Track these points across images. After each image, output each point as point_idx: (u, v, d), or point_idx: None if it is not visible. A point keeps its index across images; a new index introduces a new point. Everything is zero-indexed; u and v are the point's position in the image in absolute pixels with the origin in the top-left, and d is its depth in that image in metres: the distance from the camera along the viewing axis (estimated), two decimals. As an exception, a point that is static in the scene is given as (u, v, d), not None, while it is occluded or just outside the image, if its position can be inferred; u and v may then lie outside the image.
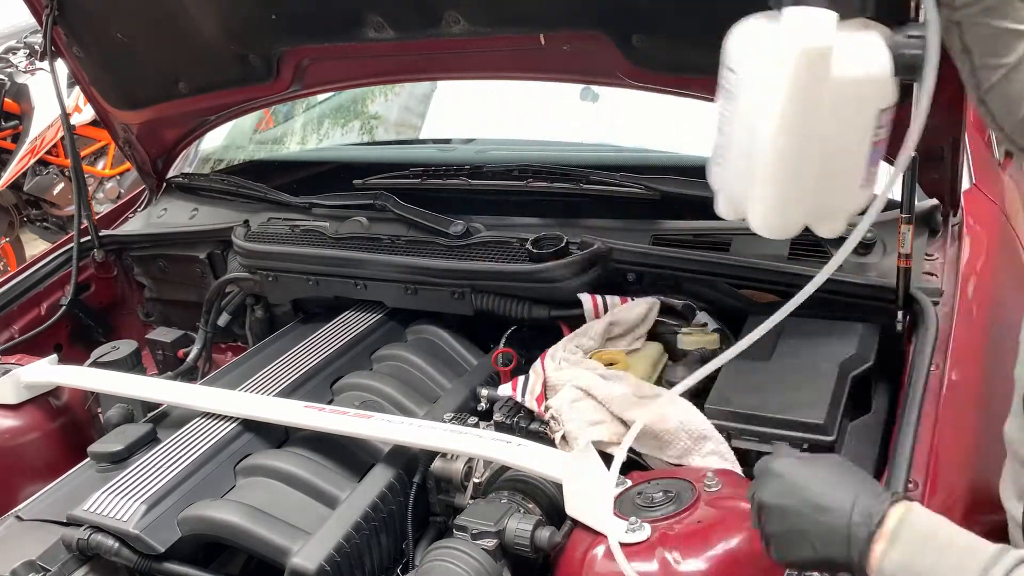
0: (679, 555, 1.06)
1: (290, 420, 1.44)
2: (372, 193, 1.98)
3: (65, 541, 1.27)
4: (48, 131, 4.59)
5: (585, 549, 1.11)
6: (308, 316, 1.99)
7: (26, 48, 4.74)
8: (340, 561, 1.18)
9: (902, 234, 1.41)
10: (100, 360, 1.87)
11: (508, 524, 1.15)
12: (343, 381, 1.63)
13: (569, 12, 1.61)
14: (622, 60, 1.63)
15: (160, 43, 2.02)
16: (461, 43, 1.72)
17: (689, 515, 1.12)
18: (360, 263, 1.82)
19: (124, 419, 1.64)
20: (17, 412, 1.69)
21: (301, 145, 2.75)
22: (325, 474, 1.35)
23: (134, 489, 1.30)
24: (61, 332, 2.21)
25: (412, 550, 1.31)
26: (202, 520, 1.26)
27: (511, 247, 1.73)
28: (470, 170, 1.95)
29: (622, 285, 1.73)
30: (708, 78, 1.62)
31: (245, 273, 2.01)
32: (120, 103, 2.23)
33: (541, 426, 1.37)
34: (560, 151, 2.17)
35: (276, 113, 2.80)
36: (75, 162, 2.25)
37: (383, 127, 2.65)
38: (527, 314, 1.72)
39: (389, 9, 1.70)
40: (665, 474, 1.24)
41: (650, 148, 2.17)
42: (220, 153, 2.66)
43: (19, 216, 4.89)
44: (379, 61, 1.49)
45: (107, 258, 2.32)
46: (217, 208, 2.25)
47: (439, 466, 1.34)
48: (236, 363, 1.78)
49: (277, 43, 1.90)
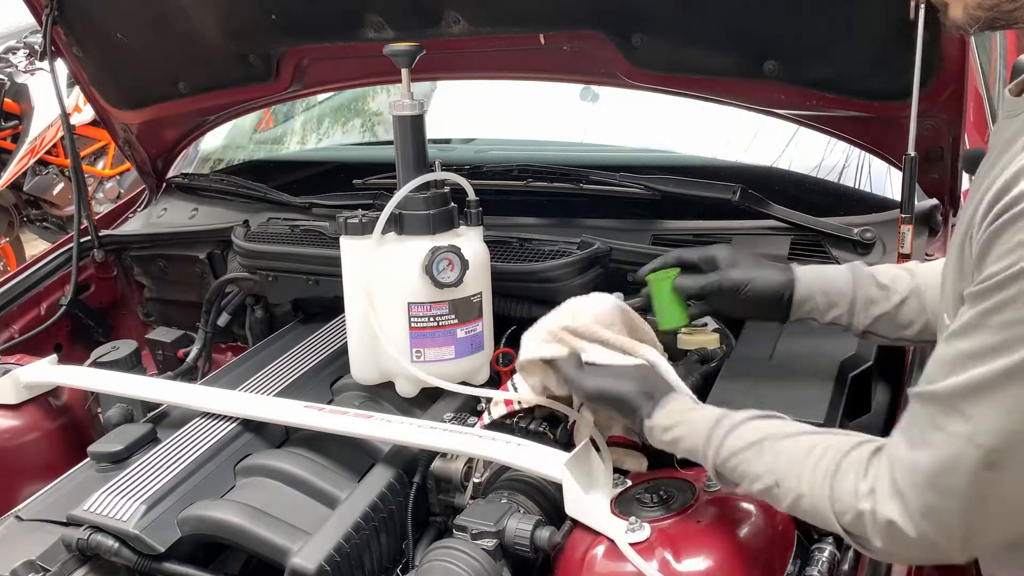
0: (678, 555, 1.06)
1: (290, 420, 1.44)
2: (372, 193, 1.98)
3: (65, 541, 1.27)
4: (48, 131, 4.59)
5: (585, 549, 1.11)
6: (308, 316, 1.99)
7: (26, 48, 4.74)
8: (340, 561, 1.18)
9: (902, 234, 1.41)
10: (100, 360, 1.87)
11: (508, 524, 1.15)
12: (342, 381, 1.63)
13: (569, 12, 1.61)
14: (622, 60, 1.63)
15: (160, 43, 2.02)
16: (461, 43, 1.72)
17: (689, 515, 1.12)
18: (360, 263, 1.82)
19: (124, 419, 1.64)
20: (17, 412, 1.69)
21: (301, 145, 2.75)
22: (325, 474, 1.35)
23: (134, 489, 1.30)
24: (61, 332, 2.21)
25: (412, 550, 1.31)
26: (202, 520, 1.26)
27: (511, 247, 1.74)
28: (470, 170, 1.95)
29: (622, 285, 1.73)
30: (708, 78, 1.63)
31: (245, 273, 2.01)
32: (120, 103, 2.23)
33: (541, 426, 1.37)
34: (560, 151, 2.18)
35: (276, 113, 2.80)
36: (75, 162, 2.25)
37: (383, 127, 2.65)
38: (527, 314, 1.72)
39: (389, 9, 1.70)
40: (665, 474, 1.24)
41: (650, 148, 2.18)
42: (220, 153, 2.66)
43: (19, 216, 4.89)
44: (379, 61, 1.49)
45: (107, 258, 2.32)
46: (217, 208, 2.25)
47: (439, 466, 1.33)
48: (236, 363, 1.78)
49: (277, 43, 1.90)
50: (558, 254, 1.68)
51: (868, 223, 1.61)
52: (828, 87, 1.53)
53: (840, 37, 1.45)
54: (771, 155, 1.95)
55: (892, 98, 1.44)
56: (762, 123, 1.80)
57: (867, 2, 1.38)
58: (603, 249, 1.68)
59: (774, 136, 1.90)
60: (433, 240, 1.45)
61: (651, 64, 1.63)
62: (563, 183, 1.86)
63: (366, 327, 1.49)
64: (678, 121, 2.13)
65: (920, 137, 1.40)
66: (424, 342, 1.45)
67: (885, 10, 1.36)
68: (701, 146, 2.12)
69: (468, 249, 1.44)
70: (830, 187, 1.85)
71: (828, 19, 1.43)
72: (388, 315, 1.45)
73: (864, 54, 1.45)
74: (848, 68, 1.49)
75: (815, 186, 1.87)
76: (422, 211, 1.46)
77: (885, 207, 1.65)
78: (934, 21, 1.31)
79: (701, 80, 1.64)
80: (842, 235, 1.60)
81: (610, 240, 1.70)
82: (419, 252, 1.41)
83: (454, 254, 1.41)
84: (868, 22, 1.41)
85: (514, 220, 1.87)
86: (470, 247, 1.46)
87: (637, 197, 1.78)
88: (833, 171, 1.85)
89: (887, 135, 1.53)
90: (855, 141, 1.62)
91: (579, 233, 1.73)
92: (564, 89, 2.19)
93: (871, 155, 1.65)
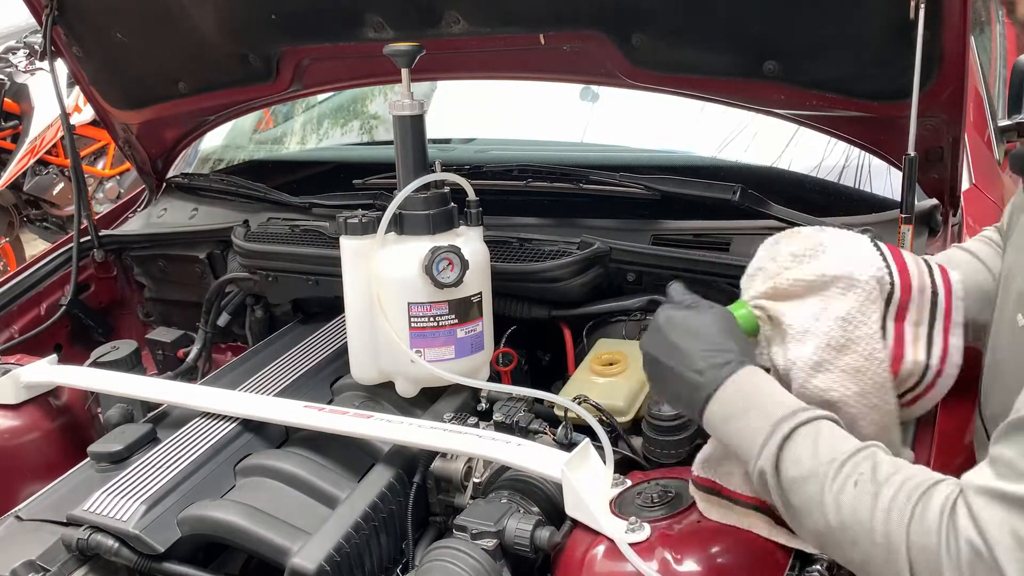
0: (678, 555, 1.06)
1: (290, 420, 1.44)
2: (372, 193, 1.98)
3: (65, 541, 1.27)
4: (48, 131, 4.59)
5: (585, 549, 1.11)
6: (308, 316, 1.99)
7: (26, 48, 4.73)
8: (340, 561, 1.18)
9: (902, 234, 1.41)
10: (100, 360, 1.87)
11: (508, 524, 1.15)
12: (342, 381, 1.63)
13: (569, 12, 1.61)
14: (622, 60, 1.63)
15: (160, 43, 2.02)
16: (461, 43, 1.72)
17: (689, 515, 1.12)
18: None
19: (124, 419, 1.64)
20: (17, 412, 1.69)
21: (301, 145, 2.75)
22: (325, 474, 1.35)
23: (134, 489, 1.30)
24: (61, 332, 2.21)
25: (412, 550, 1.31)
26: (202, 520, 1.26)
27: (511, 247, 1.74)
28: (470, 170, 1.95)
29: (622, 285, 1.73)
30: (708, 78, 1.63)
31: (245, 273, 2.01)
32: (120, 103, 2.23)
33: (541, 425, 1.37)
34: (560, 151, 2.18)
35: (276, 113, 2.80)
36: (75, 162, 2.25)
37: (383, 127, 2.65)
38: (527, 314, 1.72)
39: (389, 9, 1.70)
40: (665, 474, 1.24)
41: (650, 148, 2.17)
42: (220, 153, 2.66)
43: (19, 216, 4.89)
44: (379, 61, 1.50)
45: (107, 258, 2.32)
46: (217, 208, 2.25)
47: (439, 466, 1.34)
48: (236, 363, 1.78)
49: (277, 43, 1.90)
50: (558, 254, 1.68)
51: (868, 223, 1.61)
52: (828, 87, 1.53)
53: (840, 37, 1.45)
54: (771, 155, 1.95)
55: (892, 98, 1.44)
56: (762, 123, 1.80)
57: (867, 2, 1.38)
58: (603, 249, 1.68)
59: (774, 136, 1.90)
60: (433, 240, 1.45)
61: (651, 64, 1.63)
62: (563, 183, 1.86)
63: (366, 327, 1.49)
64: (678, 121, 2.13)
65: (920, 137, 1.40)
66: (424, 342, 1.45)
67: (885, 10, 1.36)
68: (701, 146, 2.12)
69: (468, 249, 1.44)
70: (830, 187, 1.85)
71: (828, 19, 1.43)
72: (388, 315, 1.45)
73: (864, 54, 1.45)
74: (848, 68, 1.49)
75: (815, 186, 1.87)
76: (422, 211, 1.46)
77: (885, 207, 1.65)
78: (934, 21, 1.31)
79: (701, 80, 1.63)
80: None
81: (610, 240, 1.70)
82: (419, 252, 1.42)
83: (454, 254, 1.41)
84: (868, 22, 1.40)
85: (514, 220, 1.87)
86: (470, 247, 1.46)
87: (637, 197, 1.78)
88: (833, 171, 1.85)
89: (887, 135, 1.53)
90: (855, 141, 1.62)
91: (579, 233, 1.73)
92: (564, 89, 2.19)
93: (871, 155, 1.65)
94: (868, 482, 0.87)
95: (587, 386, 1.49)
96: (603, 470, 1.22)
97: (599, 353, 1.58)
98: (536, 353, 1.82)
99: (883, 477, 0.87)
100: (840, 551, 0.91)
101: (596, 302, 1.71)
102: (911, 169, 1.40)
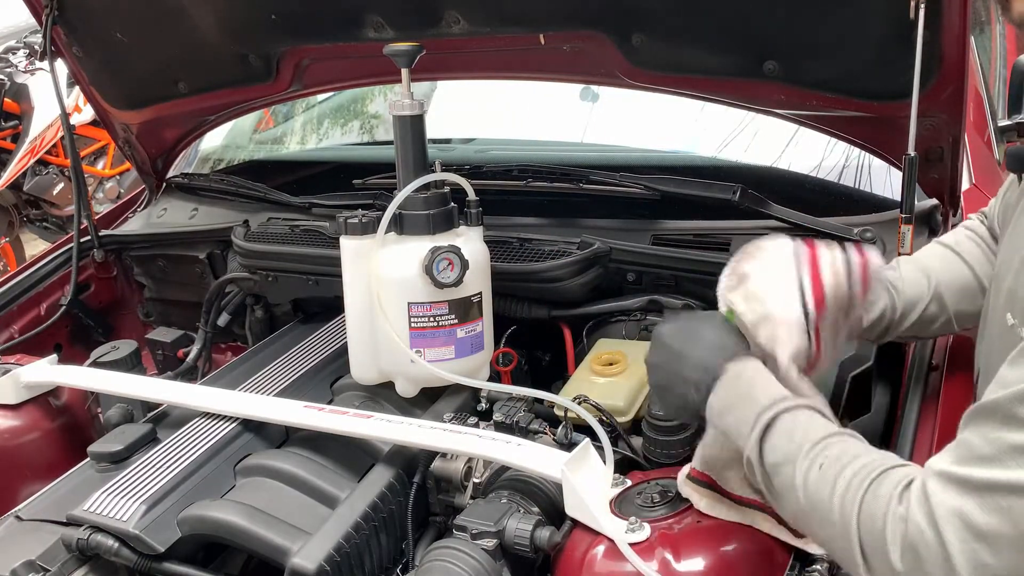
0: (678, 555, 1.06)
1: (290, 420, 1.44)
2: (372, 193, 1.98)
3: (65, 541, 1.27)
4: (48, 131, 4.59)
5: (585, 549, 1.11)
6: (308, 316, 1.99)
7: (26, 48, 4.73)
8: (340, 561, 1.18)
9: (902, 234, 1.41)
10: (100, 360, 1.87)
11: (508, 524, 1.15)
12: (342, 381, 1.63)
13: (569, 12, 1.61)
14: (622, 60, 1.63)
15: (160, 43, 2.02)
16: (461, 43, 1.72)
17: (688, 515, 1.12)
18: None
19: (124, 419, 1.64)
20: (17, 412, 1.69)
21: (301, 145, 2.75)
22: (325, 474, 1.35)
23: (134, 489, 1.30)
24: (61, 332, 2.21)
25: (412, 550, 1.31)
26: (202, 520, 1.26)
27: (511, 247, 1.74)
28: (470, 170, 1.95)
29: (622, 285, 1.73)
30: (708, 78, 1.63)
31: (245, 273, 2.01)
32: (120, 103, 2.23)
33: (541, 425, 1.37)
34: (560, 151, 2.17)
35: (276, 113, 2.80)
36: (75, 162, 2.25)
37: (383, 127, 2.64)
38: (527, 314, 1.72)
39: (389, 9, 1.70)
40: (665, 474, 1.24)
41: (650, 148, 2.17)
42: (220, 153, 2.66)
43: (19, 216, 4.89)
44: (379, 61, 1.50)
45: (107, 258, 2.32)
46: (217, 208, 2.25)
47: (439, 466, 1.34)
48: (236, 363, 1.78)
49: (277, 43, 1.90)
50: (558, 254, 1.68)
51: (868, 223, 1.61)
52: (828, 87, 1.53)
53: (840, 37, 1.45)
54: (771, 155, 1.95)
55: (892, 98, 1.44)
56: (762, 123, 1.80)
57: (867, 2, 1.38)
58: (603, 249, 1.68)
59: (774, 136, 1.90)
60: (433, 240, 1.45)
61: (651, 64, 1.63)
62: (563, 183, 1.86)
63: (366, 327, 1.49)
64: (678, 121, 2.13)
65: (920, 137, 1.40)
66: (424, 342, 1.45)
67: (885, 10, 1.36)
68: (701, 146, 2.12)
69: (468, 249, 1.44)
70: (830, 187, 1.85)
71: (828, 19, 1.43)
72: (388, 315, 1.45)
73: (864, 54, 1.45)
74: (848, 68, 1.49)
75: (815, 186, 1.87)
76: (422, 211, 1.46)
77: (885, 207, 1.65)
78: (934, 21, 1.31)
79: (701, 80, 1.63)
80: (842, 235, 1.60)
81: (610, 240, 1.70)
82: (419, 252, 1.42)
83: (454, 254, 1.41)
84: (868, 22, 1.40)
85: (514, 220, 1.87)
86: (470, 247, 1.46)
87: (637, 197, 1.78)
88: (833, 171, 1.85)
89: (887, 135, 1.53)
90: (855, 141, 1.62)
91: (579, 233, 1.73)
92: (564, 89, 2.19)
93: (871, 155, 1.65)
94: (831, 465, 0.90)
95: (587, 386, 1.49)
96: (603, 470, 1.22)
97: (599, 353, 1.58)
98: (536, 353, 1.82)
99: (847, 460, 0.90)
100: (812, 532, 0.96)
101: (596, 302, 1.71)
102: (911, 169, 1.40)
